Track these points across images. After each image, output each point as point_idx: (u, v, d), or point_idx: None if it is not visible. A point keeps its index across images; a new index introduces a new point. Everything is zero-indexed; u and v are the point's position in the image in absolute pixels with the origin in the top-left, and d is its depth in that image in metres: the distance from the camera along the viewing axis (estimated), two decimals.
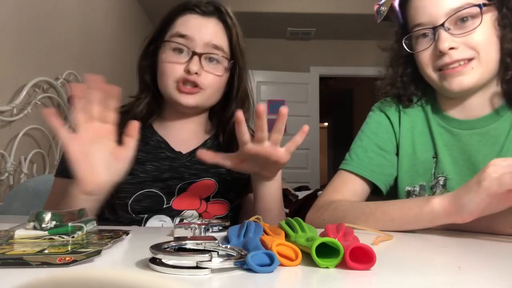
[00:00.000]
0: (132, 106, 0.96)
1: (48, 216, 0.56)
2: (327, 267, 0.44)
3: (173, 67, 0.88)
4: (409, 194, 0.91)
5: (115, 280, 0.20)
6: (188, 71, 0.87)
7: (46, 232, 0.55)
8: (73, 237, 0.55)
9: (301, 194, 2.33)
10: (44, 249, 0.48)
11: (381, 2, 0.90)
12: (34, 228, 0.56)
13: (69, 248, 0.49)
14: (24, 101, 1.86)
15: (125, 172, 0.74)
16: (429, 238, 0.68)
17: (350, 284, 0.41)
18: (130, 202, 0.87)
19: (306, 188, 2.73)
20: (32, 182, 1.61)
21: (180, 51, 0.89)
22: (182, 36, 0.88)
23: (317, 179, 4.83)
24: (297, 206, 2.13)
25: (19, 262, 0.44)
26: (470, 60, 0.80)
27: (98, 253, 0.47)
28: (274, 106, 4.83)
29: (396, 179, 0.93)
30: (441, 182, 0.87)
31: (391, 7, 0.89)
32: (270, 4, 4.25)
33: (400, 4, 0.89)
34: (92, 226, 0.61)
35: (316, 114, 4.96)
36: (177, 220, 0.89)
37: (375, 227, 0.73)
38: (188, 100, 0.89)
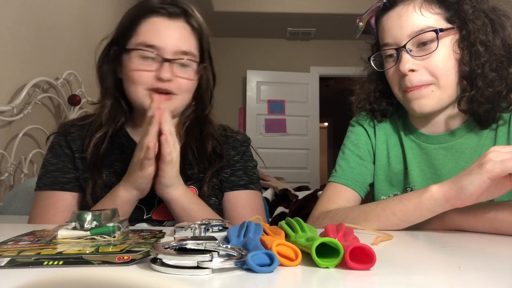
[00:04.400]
0: (97, 115, 0.94)
1: (89, 216, 0.58)
2: (327, 267, 0.44)
3: (142, 75, 0.85)
4: None
5: (115, 280, 0.20)
6: (159, 79, 0.84)
7: (88, 232, 0.56)
8: (114, 237, 0.57)
9: (301, 194, 2.33)
10: (97, 249, 0.50)
11: (361, 17, 0.93)
12: (75, 228, 0.57)
13: (124, 248, 0.51)
14: (24, 101, 1.86)
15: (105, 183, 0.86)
16: (429, 238, 0.68)
17: (350, 284, 0.41)
18: None
19: (306, 188, 2.73)
20: (32, 182, 1.60)
21: (148, 58, 0.85)
22: (149, 46, 0.85)
23: (317, 179, 4.82)
24: (297, 206, 2.13)
25: (80, 261, 0.45)
26: (429, 84, 0.83)
27: None
28: (274, 106, 4.84)
29: (372, 187, 0.97)
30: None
31: (369, 23, 0.92)
32: (270, 4, 4.25)
33: (375, 22, 0.92)
34: (126, 226, 0.63)
35: (316, 114, 4.96)
36: None
37: (376, 224, 0.73)
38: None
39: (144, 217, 0.88)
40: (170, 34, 0.87)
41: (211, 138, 0.96)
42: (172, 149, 0.78)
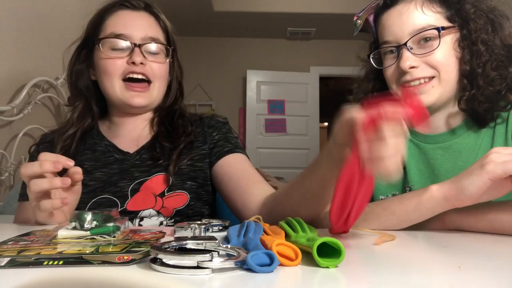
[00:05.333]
0: (68, 119, 0.96)
1: (89, 216, 0.57)
2: (327, 267, 0.44)
3: (115, 63, 0.87)
4: None
5: (115, 280, 0.20)
6: (132, 63, 0.86)
7: (88, 232, 0.56)
8: (114, 237, 0.57)
9: None
10: (97, 249, 0.50)
11: (359, 15, 0.93)
12: (75, 228, 0.57)
13: (124, 248, 0.50)
14: (24, 101, 1.86)
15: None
16: (429, 238, 0.68)
17: (350, 284, 0.41)
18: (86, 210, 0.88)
19: None
20: None
21: (120, 49, 0.88)
22: (118, 35, 0.88)
23: None
24: None
25: (80, 261, 0.45)
26: (431, 78, 0.83)
27: None
28: (274, 106, 4.83)
29: None
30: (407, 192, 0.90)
31: (367, 21, 0.92)
32: (270, 4, 4.25)
33: (374, 20, 0.92)
34: (126, 226, 0.63)
35: (316, 114, 4.95)
36: (137, 221, 0.88)
37: (376, 223, 0.73)
38: (139, 100, 0.89)
39: (119, 210, 0.88)
40: (136, 23, 0.90)
41: (184, 123, 0.96)
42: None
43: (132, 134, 0.97)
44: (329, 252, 0.45)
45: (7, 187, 1.82)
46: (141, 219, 0.89)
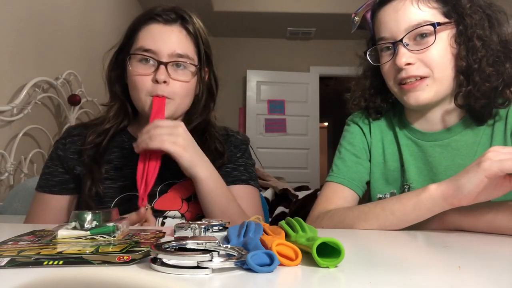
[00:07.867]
0: (104, 116, 0.99)
1: (89, 216, 0.58)
2: (327, 267, 0.44)
3: (142, 80, 0.89)
4: None
5: (115, 280, 0.20)
6: (156, 81, 0.88)
7: (88, 232, 0.56)
8: (114, 237, 0.57)
9: (301, 194, 2.33)
10: (97, 248, 0.50)
11: (357, 12, 0.93)
12: (75, 228, 0.57)
13: (124, 248, 0.51)
14: (24, 101, 1.86)
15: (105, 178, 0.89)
16: (429, 238, 0.68)
17: (350, 284, 0.41)
18: (112, 206, 0.90)
19: (306, 188, 2.73)
20: (32, 182, 1.61)
21: (146, 60, 0.89)
22: (146, 50, 0.89)
23: (317, 179, 4.82)
24: (297, 206, 2.13)
25: (80, 261, 0.45)
26: (425, 77, 0.83)
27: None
28: (274, 106, 4.83)
29: (369, 185, 0.97)
30: (406, 191, 0.90)
31: (365, 18, 0.91)
32: (270, 4, 4.25)
33: (371, 17, 0.92)
34: (126, 226, 0.63)
35: (316, 114, 4.95)
36: (160, 220, 0.90)
37: (376, 224, 0.73)
38: None
39: (146, 207, 0.89)
40: (165, 38, 0.90)
41: (213, 138, 0.98)
42: (171, 137, 0.81)
43: None
44: (329, 252, 0.45)
45: (7, 187, 1.82)
46: (165, 217, 0.91)
